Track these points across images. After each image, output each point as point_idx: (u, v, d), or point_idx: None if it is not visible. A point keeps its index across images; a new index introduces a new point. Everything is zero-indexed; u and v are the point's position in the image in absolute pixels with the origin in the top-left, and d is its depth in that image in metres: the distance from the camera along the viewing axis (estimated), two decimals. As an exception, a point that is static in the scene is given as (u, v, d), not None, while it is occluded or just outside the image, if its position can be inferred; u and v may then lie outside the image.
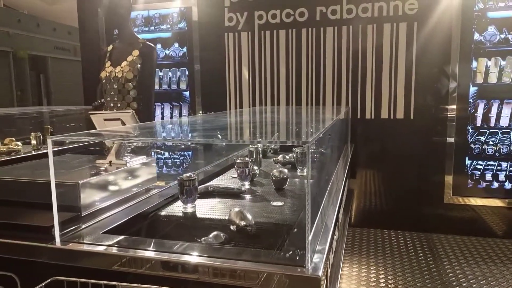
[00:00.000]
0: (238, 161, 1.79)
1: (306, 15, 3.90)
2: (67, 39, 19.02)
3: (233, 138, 1.56)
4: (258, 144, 2.10)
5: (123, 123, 1.69)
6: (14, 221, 1.29)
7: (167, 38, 4.46)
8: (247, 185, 1.82)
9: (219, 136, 1.37)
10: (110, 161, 1.62)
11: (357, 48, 3.79)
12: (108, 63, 2.61)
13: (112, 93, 2.55)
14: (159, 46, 4.49)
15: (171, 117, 4.55)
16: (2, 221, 1.28)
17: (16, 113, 4.24)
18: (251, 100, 4.18)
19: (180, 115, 4.51)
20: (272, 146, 2.72)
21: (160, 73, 4.53)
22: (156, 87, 4.58)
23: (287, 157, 2.24)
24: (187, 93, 4.47)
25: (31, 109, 4.22)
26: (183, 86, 4.47)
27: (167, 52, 4.47)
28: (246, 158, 1.82)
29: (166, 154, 3.97)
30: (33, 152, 2.90)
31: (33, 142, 3.08)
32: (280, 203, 1.58)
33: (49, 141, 1.13)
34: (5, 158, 2.59)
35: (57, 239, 1.17)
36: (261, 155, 2.12)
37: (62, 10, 22.23)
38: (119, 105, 2.53)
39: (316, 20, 3.87)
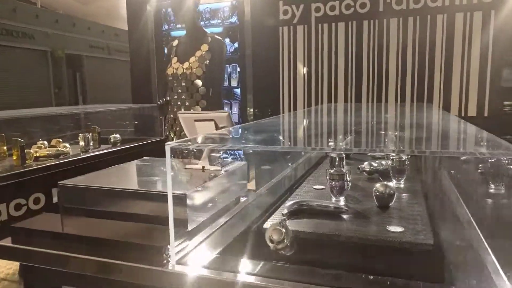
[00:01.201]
0: (332, 171, 1.54)
1: (368, 6, 3.62)
2: (101, 37, 19.31)
3: (368, 146, 1.28)
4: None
5: (216, 124, 1.50)
6: (119, 238, 1.11)
7: (218, 33, 4.28)
8: (342, 201, 1.51)
9: (345, 143, 1.14)
10: (203, 167, 1.44)
11: (425, 40, 3.50)
12: (174, 59, 2.44)
13: (180, 90, 2.38)
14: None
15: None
16: (103, 237, 1.11)
17: (61, 112, 4.15)
18: (306, 97, 3.95)
19: (231, 112, 4.34)
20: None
21: (210, 70, 4.37)
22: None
23: (374, 164, 1.98)
24: (238, 90, 4.29)
25: (79, 108, 4.14)
26: (234, 83, 4.28)
27: (218, 47, 4.30)
28: (343, 170, 1.55)
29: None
30: (81, 154, 2.77)
31: (81, 143, 2.94)
32: (399, 229, 1.25)
33: (168, 148, 0.95)
34: (55, 162, 2.46)
35: (173, 261, 1.00)
36: (344, 162, 1.86)
37: (95, 9, 22.63)
38: (187, 103, 2.36)
39: (379, 11, 3.60)
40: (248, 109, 4.18)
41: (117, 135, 3.30)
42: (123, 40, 20.74)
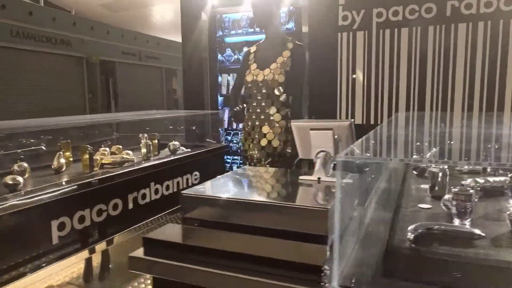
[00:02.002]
0: (455, 190, 1.44)
1: (434, 11, 3.50)
2: (134, 44, 19.70)
3: (479, 159, 1.18)
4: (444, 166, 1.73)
5: (334, 134, 1.43)
6: (264, 254, 1.04)
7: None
8: (467, 224, 1.34)
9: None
10: (319, 178, 1.37)
11: (496, 46, 3.35)
12: (254, 66, 2.39)
13: (260, 97, 2.32)
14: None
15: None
16: (247, 253, 1.04)
17: (122, 119, 4.17)
18: (365, 104, 3.85)
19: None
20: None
21: (264, 76, 4.33)
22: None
23: (480, 181, 1.83)
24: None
25: (138, 114, 4.15)
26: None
27: (272, 54, 4.26)
28: (470, 190, 1.43)
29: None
30: (143, 162, 2.74)
31: (143, 150, 2.92)
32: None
33: (339, 161, 0.88)
34: (123, 170, 2.42)
35: (335, 282, 0.93)
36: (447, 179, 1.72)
37: (125, 17, 23.13)
38: (267, 110, 2.30)
39: (446, 16, 3.47)
40: (303, 116, 4.10)
41: (176, 142, 3.28)
42: (154, 46, 21.13)
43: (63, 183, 2.06)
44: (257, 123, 2.32)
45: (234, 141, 4.47)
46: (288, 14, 4.09)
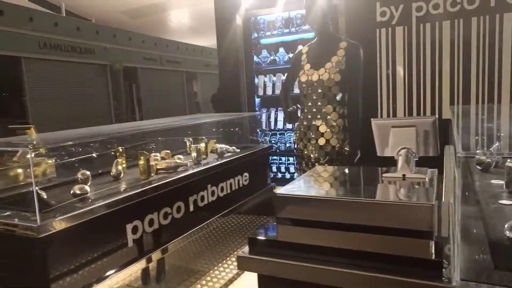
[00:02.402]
0: None
1: (477, 2, 3.46)
2: (154, 49, 19.99)
3: None
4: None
5: (417, 132, 1.43)
6: (378, 250, 1.06)
7: (309, 38, 4.26)
8: None
9: None
10: (404, 175, 1.39)
11: (544, 35, 3.29)
12: (307, 66, 2.41)
13: (315, 97, 2.35)
14: (300, 47, 4.30)
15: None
16: (362, 250, 1.06)
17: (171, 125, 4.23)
18: (407, 101, 3.82)
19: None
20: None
21: (301, 76, 4.35)
22: (298, 90, 4.40)
23: None
24: (330, 95, 4.23)
25: (180, 119, 4.21)
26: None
27: (309, 53, 4.27)
28: None
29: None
30: (194, 167, 2.78)
31: (193, 154, 2.98)
32: None
33: (457, 157, 0.90)
34: (183, 174, 2.46)
35: (457, 277, 0.94)
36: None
37: (144, 23, 23.47)
38: (323, 110, 2.32)
39: (491, 6, 3.42)
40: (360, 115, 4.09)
41: (223, 145, 3.34)
42: (174, 50, 21.38)
43: (136, 188, 2.13)
44: (313, 122, 2.34)
45: (272, 142, 4.50)
46: (324, 13, 4.10)
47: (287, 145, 4.45)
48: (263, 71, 4.49)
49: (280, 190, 1.29)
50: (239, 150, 3.36)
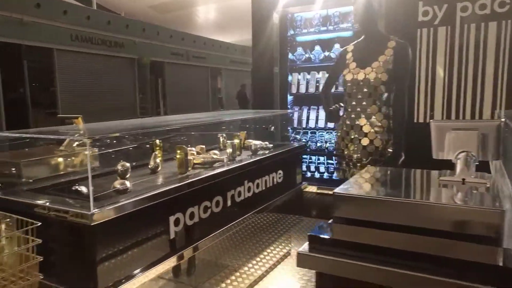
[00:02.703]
0: None
1: (527, 4, 3.34)
2: (181, 44, 20.16)
3: None
4: None
5: (478, 134, 1.38)
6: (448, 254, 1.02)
7: (347, 37, 4.19)
8: None
9: None
10: (463, 179, 1.34)
11: None
12: (353, 64, 2.38)
13: (360, 96, 2.31)
14: (337, 46, 4.26)
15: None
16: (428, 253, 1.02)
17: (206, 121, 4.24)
18: (446, 103, 3.72)
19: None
20: None
21: (336, 75, 4.29)
22: (332, 89, 4.35)
23: None
24: (366, 95, 4.16)
25: (218, 114, 4.21)
26: (362, 87, 4.17)
27: (346, 52, 4.21)
28: None
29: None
30: (228, 163, 2.76)
31: (229, 150, 2.97)
32: None
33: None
34: (215, 171, 2.44)
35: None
36: None
37: (172, 17, 23.71)
38: (368, 110, 2.28)
39: (541, 7, 3.30)
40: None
41: (257, 142, 3.32)
42: (200, 46, 21.51)
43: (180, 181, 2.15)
44: (357, 122, 2.31)
45: (303, 140, 4.47)
46: (362, 11, 4.03)
47: (318, 144, 4.40)
48: (297, 68, 4.46)
49: (338, 190, 1.27)
50: (271, 146, 3.35)
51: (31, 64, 12.11)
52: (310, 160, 4.47)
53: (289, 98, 4.54)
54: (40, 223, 1.55)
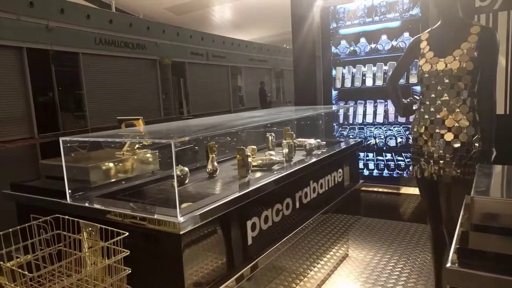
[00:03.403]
0: None
1: None
2: (201, 44, 20.13)
3: None
4: None
5: None
6: None
7: (394, 28, 3.98)
8: None
9: None
10: None
11: None
12: (430, 54, 2.19)
13: (440, 88, 2.12)
14: (384, 37, 4.05)
15: (396, 115, 4.07)
16: None
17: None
18: (509, 92, 3.49)
19: (408, 113, 4.01)
20: None
21: (385, 67, 4.09)
22: (379, 82, 4.16)
23: None
24: (417, 88, 3.95)
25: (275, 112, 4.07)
26: (413, 79, 3.95)
27: (395, 43, 4.00)
28: None
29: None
30: (285, 164, 2.61)
31: (285, 150, 2.82)
32: None
33: None
34: (284, 173, 2.25)
35: None
36: None
37: (188, 19, 23.68)
38: (451, 102, 2.09)
39: None
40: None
41: (311, 141, 3.16)
42: (219, 45, 21.45)
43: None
44: (438, 116, 2.12)
45: (351, 136, 4.28)
46: (411, 0, 3.82)
47: (368, 140, 4.21)
48: (341, 62, 4.27)
49: (477, 194, 1.10)
50: (324, 143, 3.18)
51: (58, 68, 12.25)
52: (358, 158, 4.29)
53: (334, 93, 4.36)
54: (127, 233, 1.43)
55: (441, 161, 2.13)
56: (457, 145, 2.07)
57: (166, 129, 2.61)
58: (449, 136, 2.09)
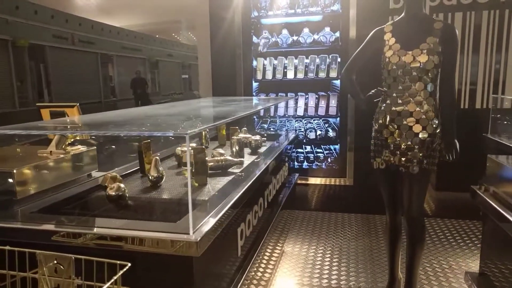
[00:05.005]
0: None
1: (488, -2, 3.59)
2: (65, 27, 17.79)
3: None
4: None
5: None
6: None
7: (316, 22, 4.01)
8: None
9: None
10: None
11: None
12: (397, 46, 2.17)
13: (408, 80, 2.12)
14: (306, 30, 4.04)
15: (317, 108, 4.13)
16: None
17: None
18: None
19: (328, 106, 4.11)
20: None
21: (306, 60, 4.09)
22: (300, 75, 4.15)
23: None
24: (337, 82, 4.04)
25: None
26: (333, 74, 4.04)
27: (316, 37, 4.02)
28: None
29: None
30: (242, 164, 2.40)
31: (235, 148, 2.55)
32: None
33: None
34: (258, 173, 2.06)
35: None
36: None
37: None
38: (418, 95, 2.12)
39: (501, 1, 3.57)
40: (348, 101, 3.98)
41: (257, 137, 2.93)
42: (87, 30, 19.29)
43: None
44: (406, 108, 2.13)
45: (272, 129, 4.20)
46: (333, -5, 3.90)
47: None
48: (263, 53, 4.13)
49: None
50: (265, 139, 3.01)
51: None
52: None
53: (255, 84, 4.21)
54: (129, 264, 1.01)
55: (409, 152, 2.16)
56: (424, 136, 2.13)
57: (95, 120, 2.06)
58: (417, 128, 2.13)
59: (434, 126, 2.16)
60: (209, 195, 1.67)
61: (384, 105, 2.26)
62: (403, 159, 2.19)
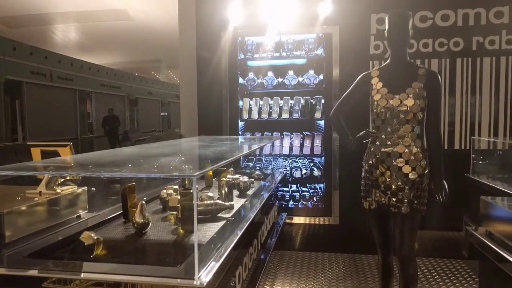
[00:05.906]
0: None
1: (462, 45, 3.83)
2: (44, 64, 17.69)
3: None
4: None
5: None
6: None
7: (301, 64, 4.15)
8: None
9: None
10: None
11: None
12: (384, 90, 2.26)
13: (396, 122, 2.19)
14: (291, 72, 4.17)
15: (302, 147, 4.19)
16: None
17: None
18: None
19: (313, 145, 4.17)
20: None
21: (291, 101, 4.19)
22: (285, 116, 4.22)
23: None
24: (321, 122, 4.13)
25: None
26: (318, 115, 4.14)
27: (300, 79, 4.14)
28: None
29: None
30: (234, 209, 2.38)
31: (224, 190, 2.50)
32: None
33: None
34: (252, 216, 2.06)
35: None
36: None
37: (26, 33, 20.75)
38: (406, 136, 2.18)
39: (472, 50, 3.82)
40: (333, 141, 4.06)
41: (245, 178, 2.90)
42: (66, 67, 19.22)
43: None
44: (395, 149, 2.19)
45: (257, 168, 4.20)
46: (316, 40, 4.07)
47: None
48: (249, 94, 4.21)
49: None
50: (253, 180, 2.99)
51: None
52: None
53: (240, 124, 4.25)
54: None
55: (400, 193, 2.20)
56: (414, 176, 2.18)
57: (88, 159, 2.02)
58: (407, 169, 2.18)
59: (423, 166, 2.22)
60: (205, 240, 1.63)
61: (374, 146, 2.31)
62: (393, 199, 2.22)
